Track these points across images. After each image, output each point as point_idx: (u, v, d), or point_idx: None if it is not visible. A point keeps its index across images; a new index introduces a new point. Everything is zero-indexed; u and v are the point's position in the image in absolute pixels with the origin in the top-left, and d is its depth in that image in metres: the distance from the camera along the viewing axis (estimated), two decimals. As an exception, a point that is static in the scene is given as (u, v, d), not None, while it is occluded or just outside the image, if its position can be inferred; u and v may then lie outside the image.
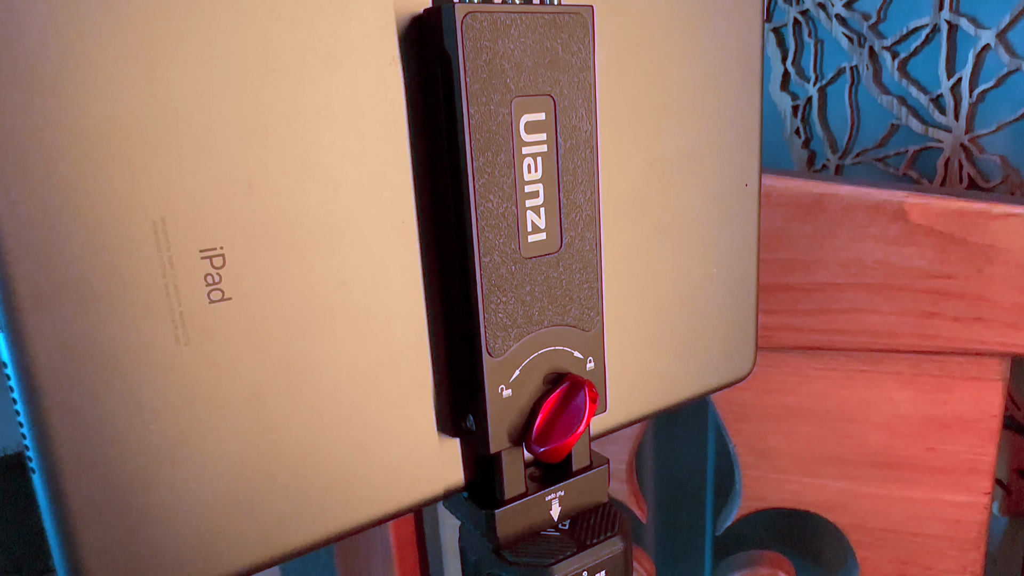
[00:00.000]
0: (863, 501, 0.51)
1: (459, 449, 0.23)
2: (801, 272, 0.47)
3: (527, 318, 0.22)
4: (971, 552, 0.51)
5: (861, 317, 0.47)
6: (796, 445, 0.52)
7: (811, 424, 0.51)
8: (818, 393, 0.50)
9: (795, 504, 0.53)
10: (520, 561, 0.22)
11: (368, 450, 0.21)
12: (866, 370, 0.49)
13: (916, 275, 0.46)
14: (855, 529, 0.52)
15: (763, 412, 0.52)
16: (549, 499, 0.24)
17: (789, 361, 0.50)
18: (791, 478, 0.53)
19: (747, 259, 0.30)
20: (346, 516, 0.21)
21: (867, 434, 0.50)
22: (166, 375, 0.18)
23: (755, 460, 0.53)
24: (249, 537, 0.20)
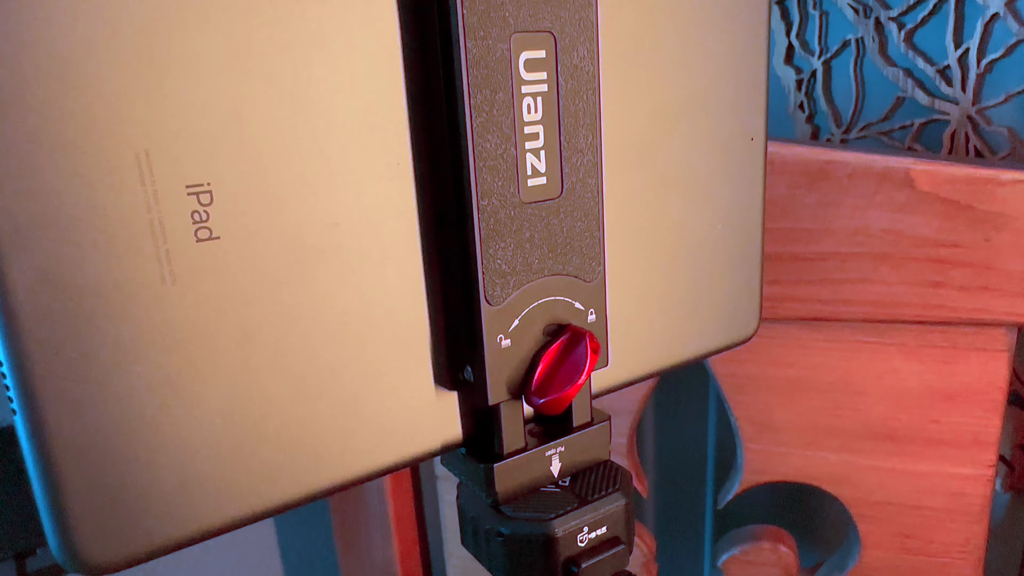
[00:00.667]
0: (866, 474, 0.51)
1: (457, 403, 0.23)
2: (805, 241, 0.47)
3: (527, 266, 0.21)
4: (974, 525, 0.50)
5: (866, 287, 0.46)
6: (799, 418, 0.51)
7: (814, 396, 0.50)
8: (821, 365, 0.50)
9: (797, 477, 0.53)
10: (519, 516, 0.22)
11: (363, 400, 0.21)
12: (870, 341, 0.49)
13: (922, 244, 0.45)
14: (857, 503, 0.52)
15: (766, 384, 0.51)
16: (549, 454, 0.23)
17: (792, 332, 0.50)
18: (793, 451, 0.52)
19: (752, 216, 0.29)
20: (340, 468, 0.21)
21: (870, 406, 0.50)
22: (152, 315, 0.17)
23: (757, 433, 0.52)
24: (240, 486, 0.19)
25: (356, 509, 0.63)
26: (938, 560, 0.51)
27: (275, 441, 0.20)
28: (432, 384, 0.22)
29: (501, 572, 0.23)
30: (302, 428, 0.20)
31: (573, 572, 0.22)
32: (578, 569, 0.22)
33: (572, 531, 0.22)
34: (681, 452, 0.62)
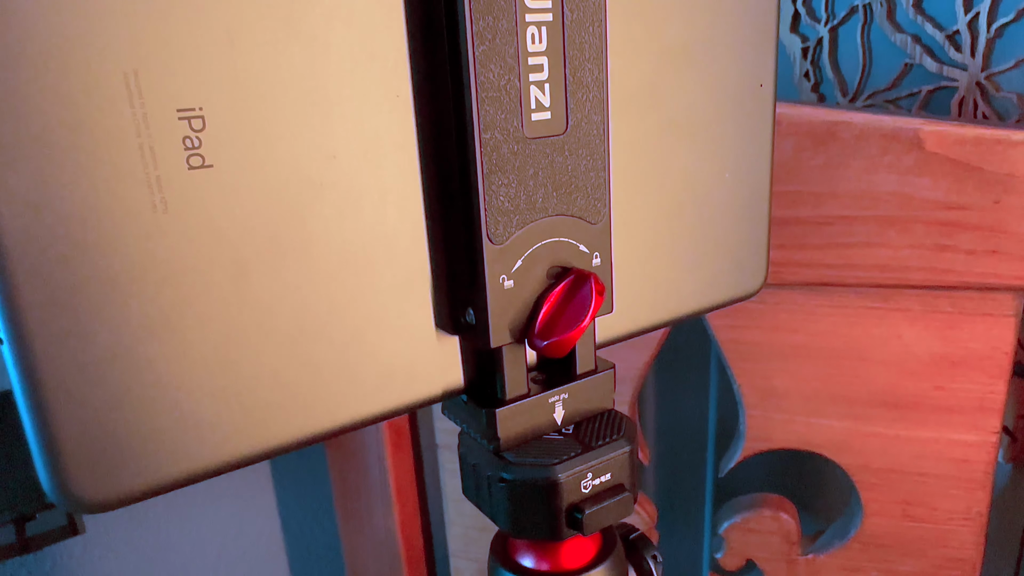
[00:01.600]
0: (869, 441, 0.51)
1: (458, 348, 0.22)
2: (811, 205, 0.46)
3: (530, 204, 0.21)
4: (977, 492, 0.50)
5: (872, 251, 0.46)
6: (802, 385, 0.51)
7: (818, 363, 0.50)
8: (826, 331, 0.49)
9: (800, 445, 0.52)
10: (522, 462, 0.21)
11: (362, 342, 0.20)
12: (875, 307, 0.48)
13: (930, 206, 0.44)
14: (860, 470, 0.52)
15: (769, 351, 0.51)
16: (552, 401, 0.23)
17: (797, 298, 0.49)
18: (796, 418, 0.52)
19: (761, 166, 0.28)
20: (339, 411, 0.20)
21: (875, 373, 0.49)
22: (144, 244, 0.17)
23: (760, 400, 0.52)
24: (236, 426, 0.19)
25: (357, 479, 0.62)
26: (940, 527, 0.51)
27: (272, 381, 0.19)
28: (433, 327, 0.22)
29: (504, 520, 0.22)
30: (299, 368, 0.19)
31: (577, 519, 0.21)
32: (582, 515, 0.21)
33: (575, 477, 0.21)
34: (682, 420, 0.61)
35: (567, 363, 0.23)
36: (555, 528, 0.22)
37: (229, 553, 0.72)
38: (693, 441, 0.61)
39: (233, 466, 0.19)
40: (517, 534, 0.22)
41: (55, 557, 0.64)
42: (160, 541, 0.69)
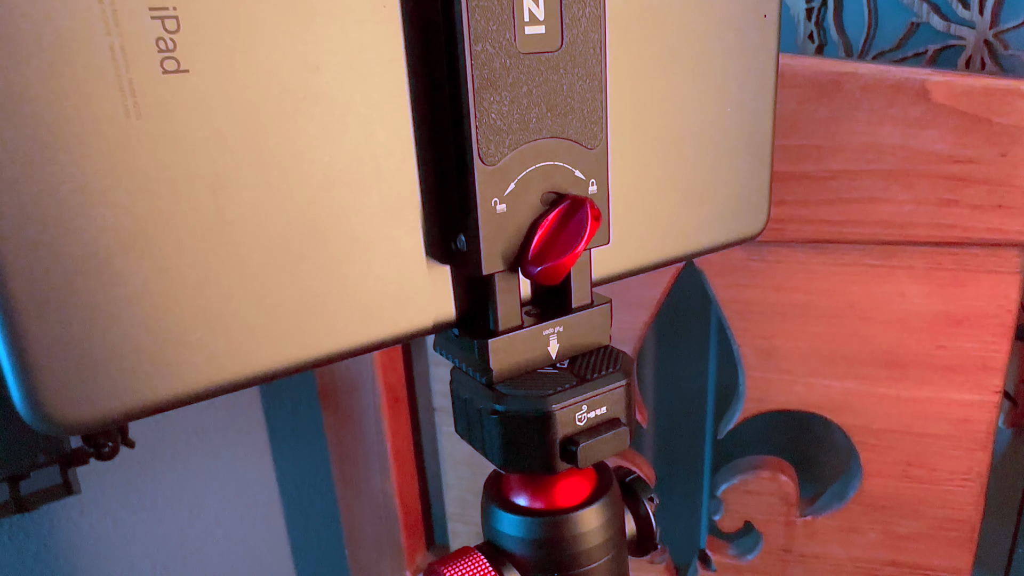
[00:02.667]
0: (869, 402, 0.50)
1: (450, 278, 0.22)
2: (814, 159, 0.45)
3: (523, 124, 0.20)
4: (978, 452, 0.50)
5: (876, 206, 0.45)
6: (803, 345, 0.50)
7: (819, 322, 0.49)
8: (827, 290, 0.49)
9: (799, 406, 0.52)
10: (515, 393, 0.21)
11: (348, 268, 0.20)
12: (878, 264, 0.47)
13: (936, 160, 0.43)
14: (860, 431, 0.51)
15: (770, 311, 0.50)
16: (547, 334, 0.22)
17: (798, 256, 0.48)
18: (796, 379, 0.51)
19: (763, 102, 0.27)
20: (324, 339, 0.20)
21: (876, 332, 0.49)
22: (115, 151, 0.16)
23: (760, 361, 0.52)
24: (218, 351, 0.18)
25: (354, 443, 0.62)
26: (940, 488, 0.51)
27: (254, 304, 0.18)
28: (423, 255, 0.21)
29: (496, 454, 0.22)
30: (283, 292, 0.19)
31: (571, 451, 0.21)
32: (576, 448, 0.21)
33: (570, 409, 0.21)
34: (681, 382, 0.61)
35: (562, 296, 0.23)
36: (549, 461, 0.21)
37: (227, 518, 0.72)
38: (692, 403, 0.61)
39: (216, 392, 0.19)
40: (510, 468, 0.21)
41: (52, 521, 0.64)
42: (157, 506, 0.69)
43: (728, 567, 0.58)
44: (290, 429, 0.72)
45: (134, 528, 0.67)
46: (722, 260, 0.50)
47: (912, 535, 0.53)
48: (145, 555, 0.69)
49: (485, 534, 0.24)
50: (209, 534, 0.72)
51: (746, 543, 0.58)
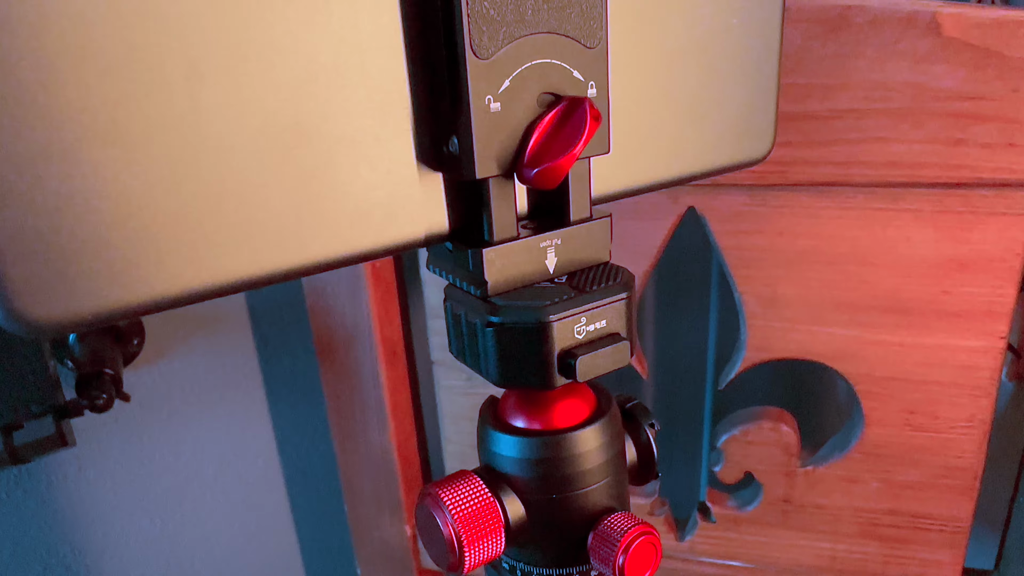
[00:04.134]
0: (872, 349, 0.50)
1: (442, 187, 0.21)
2: (820, 98, 0.44)
3: (519, 16, 0.19)
4: (982, 399, 0.49)
5: (883, 147, 0.44)
6: (806, 292, 0.49)
7: (822, 269, 0.49)
8: (832, 235, 0.48)
9: (801, 354, 0.51)
10: (510, 304, 0.20)
11: (335, 171, 0.19)
12: (884, 208, 0.46)
13: (946, 97, 0.42)
14: (863, 379, 0.51)
15: (773, 257, 0.49)
16: (544, 246, 0.21)
17: (802, 200, 0.47)
18: (798, 327, 0.51)
19: (771, 15, 0.26)
20: (310, 247, 0.19)
21: (881, 278, 0.48)
22: (79, 27, 0.15)
23: (762, 309, 0.51)
24: (195, 251, 0.17)
25: (351, 398, 0.62)
26: (942, 436, 0.51)
27: (235, 204, 0.17)
28: (414, 161, 0.20)
29: (492, 370, 0.21)
30: (265, 193, 0.18)
31: (569, 365, 0.20)
32: (575, 361, 0.20)
33: (568, 321, 0.20)
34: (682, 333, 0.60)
35: (560, 209, 0.22)
36: (546, 375, 0.20)
37: (225, 475, 0.72)
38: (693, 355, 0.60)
39: (196, 297, 0.18)
40: (506, 384, 0.21)
41: (49, 477, 0.63)
42: (156, 463, 0.68)
43: (728, 518, 0.58)
44: (287, 384, 0.71)
45: (132, 484, 0.67)
46: (724, 206, 0.49)
47: (913, 484, 0.53)
48: (144, 512, 0.69)
49: (481, 459, 0.24)
50: (208, 491, 0.72)
51: (746, 494, 0.58)
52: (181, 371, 0.66)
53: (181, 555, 0.72)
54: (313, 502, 0.77)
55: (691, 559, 0.60)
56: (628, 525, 0.22)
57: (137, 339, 0.62)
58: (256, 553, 0.76)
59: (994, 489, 0.59)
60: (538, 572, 0.23)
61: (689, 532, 0.59)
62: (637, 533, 0.21)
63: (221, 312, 0.67)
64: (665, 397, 0.63)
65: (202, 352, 0.66)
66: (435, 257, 0.22)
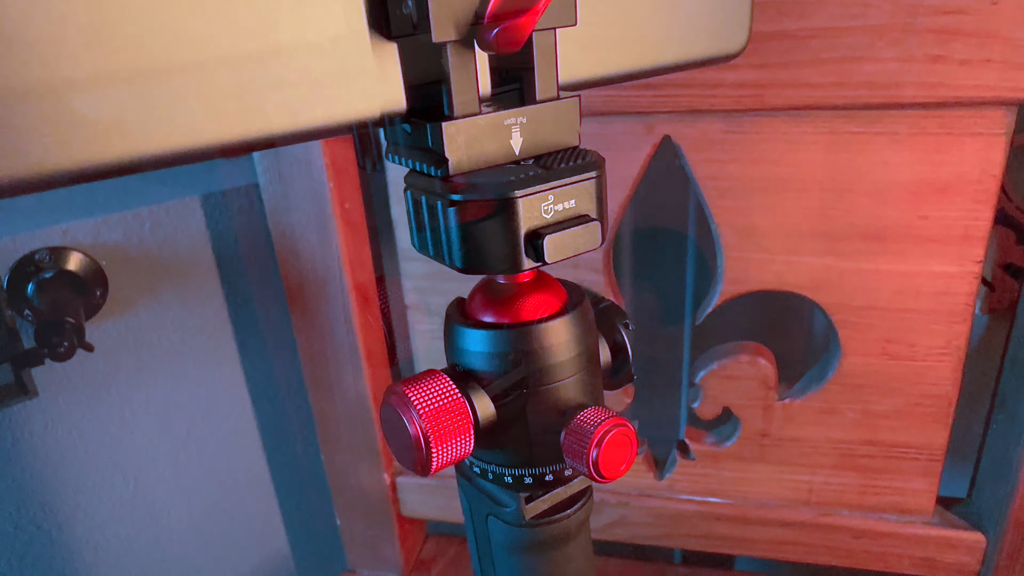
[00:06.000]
0: (849, 278, 0.49)
1: (398, 60, 0.19)
2: (796, 16, 0.43)
3: None
4: (957, 326, 0.49)
5: (860, 66, 0.43)
6: (782, 221, 0.49)
7: (798, 197, 0.48)
8: (808, 161, 0.47)
9: (779, 286, 0.51)
10: (474, 182, 0.19)
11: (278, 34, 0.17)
12: (861, 131, 0.45)
13: (925, 11, 0.41)
14: (840, 308, 0.50)
15: (748, 186, 0.48)
16: (508, 124, 0.20)
17: (778, 125, 0.46)
18: (775, 257, 0.50)
19: None
20: (254, 118, 0.17)
21: (857, 204, 0.47)
22: None
23: (738, 240, 0.50)
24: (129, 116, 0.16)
25: (324, 345, 0.60)
26: (919, 363, 0.51)
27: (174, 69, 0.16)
28: (366, 27, 0.18)
29: (457, 255, 0.20)
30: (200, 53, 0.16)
31: (537, 245, 0.19)
32: (542, 241, 0.19)
33: (535, 198, 0.19)
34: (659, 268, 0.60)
35: (526, 87, 0.20)
36: (513, 257, 0.19)
37: (199, 431, 0.71)
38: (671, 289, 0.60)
39: (137, 166, 0.16)
40: (471, 269, 0.20)
41: (15, 434, 0.62)
42: (125, 420, 0.67)
43: (706, 455, 0.58)
44: (258, 334, 0.70)
45: (101, 442, 0.66)
46: (699, 134, 0.48)
47: (889, 413, 0.53)
48: (116, 468, 0.67)
49: (449, 359, 0.23)
50: (182, 448, 0.70)
51: (724, 430, 0.58)
52: (148, 323, 0.64)
53: (157, 512, 0.70)
54: (289, 454, 0.76)
55: (671, 497, 0.60)
56: (601, 418, 0.21)
57: (100, 290, 0.60)
58: (234, 508, 0.75)
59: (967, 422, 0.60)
60: (510, 473, 0.23)
61: (668, 470, 0.59)
62: (610, 426, 0.21)
63: (187, 261, 0.65)
64: (643, 334, 0.63)
65: (168, 303, 0.65)
66: (393, 145, 0.21)
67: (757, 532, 0.59)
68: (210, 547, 0.74)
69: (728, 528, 0.59)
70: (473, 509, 0.25)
